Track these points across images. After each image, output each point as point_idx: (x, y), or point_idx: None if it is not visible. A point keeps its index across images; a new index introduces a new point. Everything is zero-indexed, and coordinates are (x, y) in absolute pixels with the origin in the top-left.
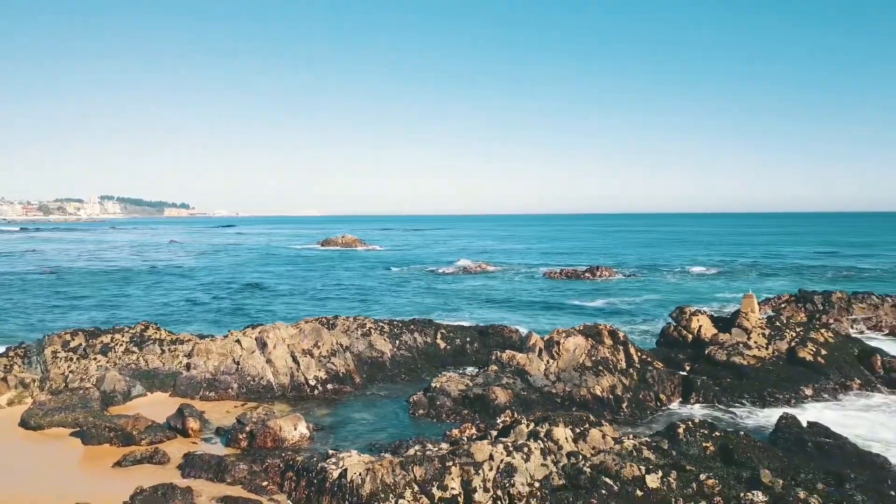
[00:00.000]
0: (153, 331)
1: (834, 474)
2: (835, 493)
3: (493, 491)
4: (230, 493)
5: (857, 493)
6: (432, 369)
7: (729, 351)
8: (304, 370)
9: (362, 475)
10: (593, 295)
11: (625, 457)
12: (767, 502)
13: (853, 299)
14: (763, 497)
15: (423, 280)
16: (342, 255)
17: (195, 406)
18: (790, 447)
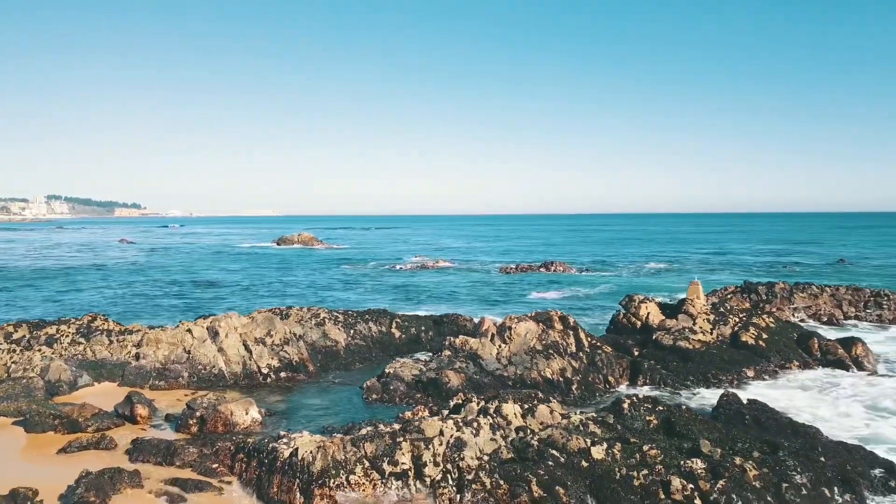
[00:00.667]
0: (101, 322)
1: (769, 443)
2: (769, 459)
3: (443, 465)
4: (180, 476)
5: (789, 458)
6: (387, 358)
7: (675, 336)
8: (257, 358)
9: (313, 453)
10: (547, 287)
11: (571, 431)
12: (706, 469)
13: (795, 289)
14: (702, 464)
15: (380, 276)
16: (299, 252)
17: (145, 395)
18: (730, 421)
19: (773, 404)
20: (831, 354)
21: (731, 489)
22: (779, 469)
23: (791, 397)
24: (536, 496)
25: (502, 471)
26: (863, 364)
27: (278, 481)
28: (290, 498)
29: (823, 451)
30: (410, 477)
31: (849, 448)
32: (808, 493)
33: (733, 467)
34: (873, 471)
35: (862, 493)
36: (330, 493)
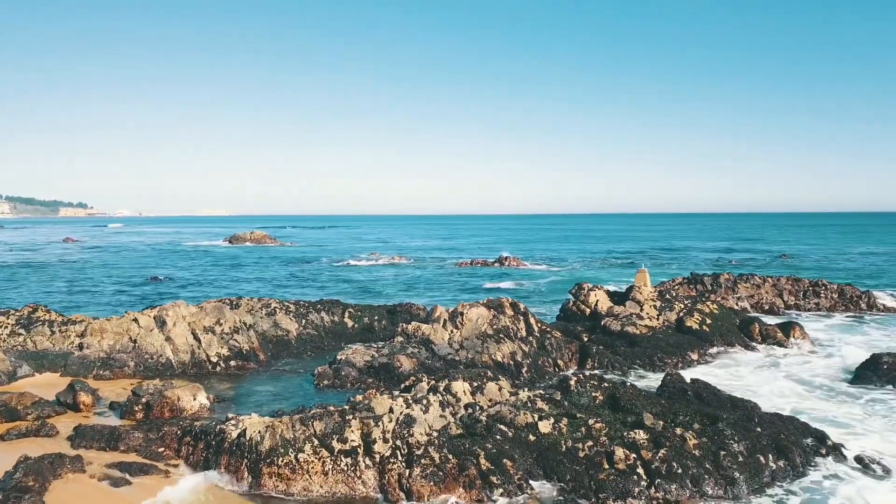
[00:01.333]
0: (42, 313)
1: (709, 415)
2: (708, 429)
3: (393, 441)
4: (124, 460)
5: (727, 429)
6: (340, 347)
7: (623, 322)
8: (206, 347)
9: (261, 433)
10: (501, 279)
11: (519, 407)
12: (648, 439)
13: (738, 280)
14: (644, 435)
15: (335, 271)
16: (251, 250)
17: (88, 384)
18: (672, 397)
19: (715, 383)
20: (771, 338)
21: (672, 457)
22: (717, 438)
23: (732, 376)
24: (484, 469)
25: (451, 446)
26: (800, 346)
27: (226, 462)
28: (239, 476)
29: (760, 422)
30: (360, 454)
31: (783, 419)
32: (745, 461)
33: (674, 437)
34: (805, 439)
35: (795, 459)
36: (279, 470)
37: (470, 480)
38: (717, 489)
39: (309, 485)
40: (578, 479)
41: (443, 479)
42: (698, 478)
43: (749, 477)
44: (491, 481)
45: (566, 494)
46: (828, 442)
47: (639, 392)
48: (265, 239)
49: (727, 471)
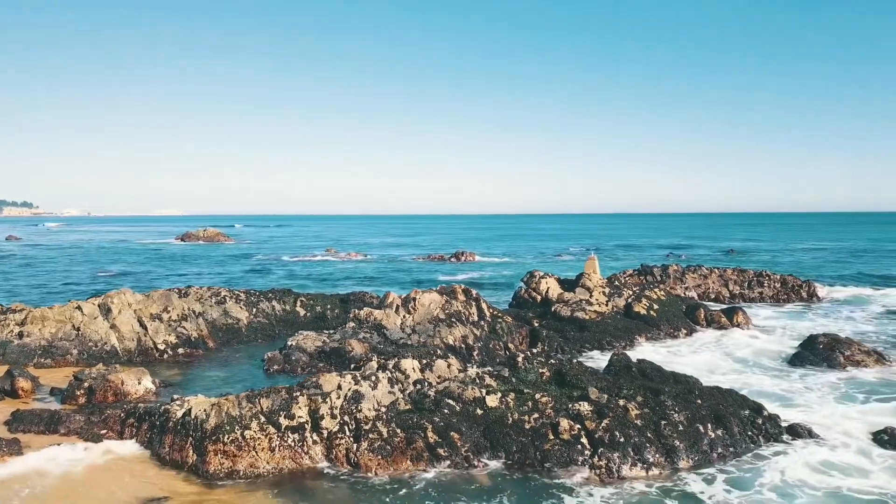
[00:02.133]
0: None
1: (652, 389)
2: (650, 401)
3: (340, 417)
4: (63, 442)
5: (669, 400)
6: (291, 334)
7: (573, 307)
8: (153, 334)
9: (207, 411)
10: (457, 271)
11: (468, 383)
12: (592, 411)
13: (686, 271)
14: (588, 407)
15: (291, 266)
16: (204, 247)
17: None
18: (618, 374)
19: (660, 362)
20: (716, 322)
21: (615, 427)
22: (658, 409)
23: (677, 356)
24: (432, 441)
25: (399, 420)
26: (742, 330)
27: (170, 441)
28: (183, 455)
29: (700, 395)
30: (307, 430)
31: (722, 392)
32: (685, 430)
33: (617, 408)
34: (743, 411)
35: (732, 428)
36: (224, 448)
37: (417, 453)
38: (657, 457)
39: (255, 461)
40: (524, 450)
41: (390, 453)
42: (640, 446)
43: (688, 445)
44: (438, 454)
45: (512, 465)
46: (764, 413)
47: (585, 368)
48: (218, 236)
49: (667, 439)
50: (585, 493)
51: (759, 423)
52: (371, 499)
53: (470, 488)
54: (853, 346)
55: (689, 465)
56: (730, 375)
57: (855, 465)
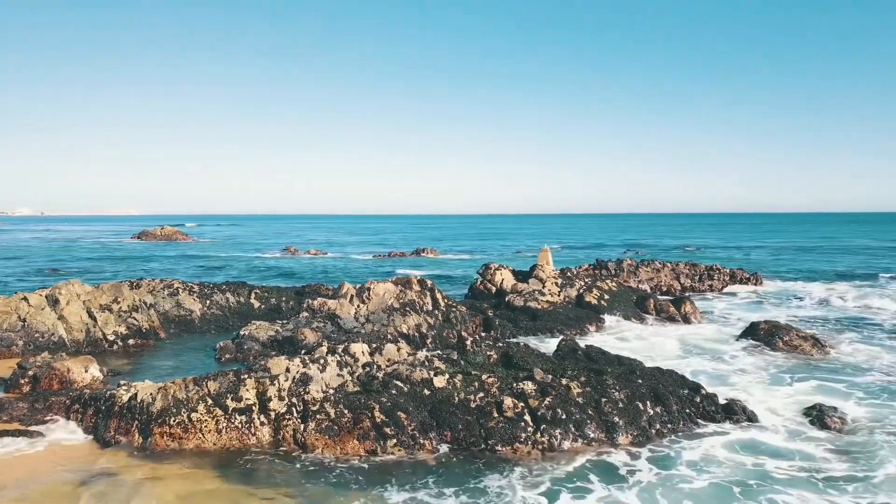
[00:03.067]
0: None
1: (595, 370)
2: (593, 380)
3: (288, 399)
4: (7, 428)
5: (610, 379)
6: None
7: (526, 297)
8: (102, 325)
9: (153, 394)
10: (416, 267)
11: (416, 365)
12: (536, 389)
13: (640, 265)
14: (532, 386)
15: (248, 262)
16: (161, 246)
17: None
18: (564, 357)
19: (608, 348)
20: (664, 312)
21: (557, 404)
22: (600, 388)
23: (625, 342)
24: (379, 421)
25: (347, 401)
26: (690, 319)
27: (115, 424)
28: (129, 438)
29: (641, 375)
30: (255, 411)
31: (663, 372)
32: (625, 407)
33: (560, 387)
34: (682, 390)
35: (671, 406)
36: (170, 430)
37: (364, 432)
38: (598, 432)
39: (202, 442)
40: (469, 428)
41: (337, 433)
42: (581, 422)
43: (628, 422)
44: (385, 433)
45: (458, 443)
46: (702, 392)
47: (532, 351)
48: (176, 234)
49: (608, 416)
50: (526, 468)
51: (697, 402)
52: (317, 477)
53: (415, 466)
54: (791, 331)
55: (628, 440)
56: (674, 360)
57: (783, 441)
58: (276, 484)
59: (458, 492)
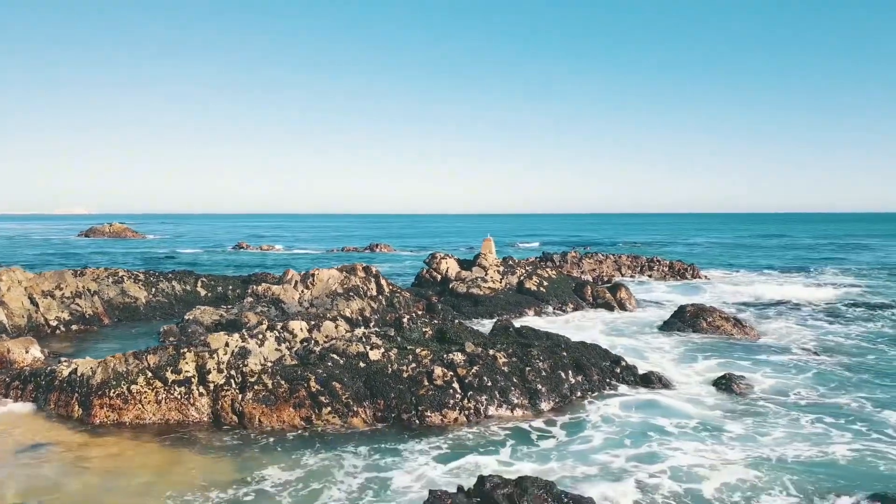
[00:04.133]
0: None
1: (523, 344)
2: (519, 352)
3: (227, 371)
4: None
5: (535, 350)
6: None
7: (468, 284)
8: (44, 311)
9: (93, 368)
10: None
11: (353, 341)
12: (465, 360)
13: (584, 257)
14: (462, 356)
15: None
16: (110, 242)
17: None
18: (496, 333)
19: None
20: (601, 298)
21: (484, 373)
22: (525, 358)
23: (559, 324)
24: (314, 390)
25: (284, 373)
26: (625, 304)
27: (56, 397)
28: (69, 411)
29: (566, 348)
30: (194, 383)
31: (587, 346)
32: (548, 375)
33: (487, 357)
34: (604, 362)
35: (592, 375)
36: (110, 402)
37: (300, 401)
38: (522, 399)
39: (141, 413)
40: (401, 396)
41: (274, 402)
42: (506, 389)
43: (550, 389)
44: (320, 401)
45: (390, 410)
46: (622, 363)
47: (465, 328)
48: (125, 232)
49: (531, 383)
50: (453, 434)
51: (618, 372)
52: (253, 445)
53: (349, 432)
54: (715, 313)
55: (550, 406)
56: (602, 339)
57: (688, 403)
58: (210, 451)
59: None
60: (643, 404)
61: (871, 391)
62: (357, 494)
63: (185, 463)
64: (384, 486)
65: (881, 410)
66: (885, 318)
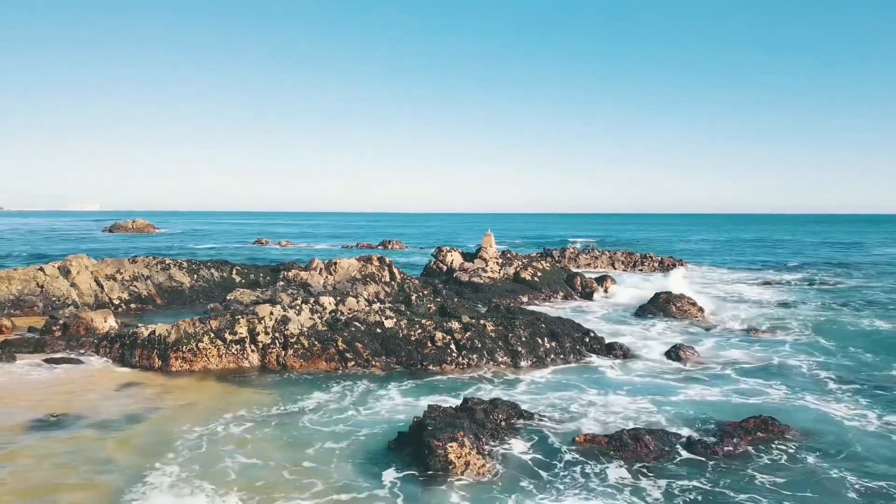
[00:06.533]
0: None
1: (508, 318)
2: (504, 322)
3: (272, 333)
4: (54, 357)
5: (517, 321)
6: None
7: (471, 274)
8: (108, 292)
9: (168, 330)
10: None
11: (371, 313)
12: (460, 327)
13: (581, 253)
14: (458, 325)
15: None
16: (134, 237)
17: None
18: (489, 310)
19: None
20: (588, 287)
21: (475, 337)
22: (509, 327)
23: (546, 308)
24: (341, 349)
25: (317, 335)
26: (610, 292)
27: (139, 353)
28: (150, 363)
29: (544, 321)
30: (247, 342)
31: (563, 321)
32: (527, 341)
33: (478, 325)
34: (576, 333)
35: (564, 343)
36: (183, 355)
37: (330, 356)
38: (505, 357)
39: (207, 364)
40: (409, 355)
41: (310, 357)
42: (493, 350)
43: (529, 351)
44: (346, 356)
45: (401, 365)
46: (591, 334)
47: (462, 304)
48: (148, 227)
49: (513, 346)
50: (451, 382)
51: (587, 342)
52: (293, 384)
53: (368, 379)
54: (683, 299)
55: (528, 365)
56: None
57: (641, 367)
58: (260, 387)
59: (396, 387)
60: (601, 367)
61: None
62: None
63: (240, 394)
64: (394, 402)
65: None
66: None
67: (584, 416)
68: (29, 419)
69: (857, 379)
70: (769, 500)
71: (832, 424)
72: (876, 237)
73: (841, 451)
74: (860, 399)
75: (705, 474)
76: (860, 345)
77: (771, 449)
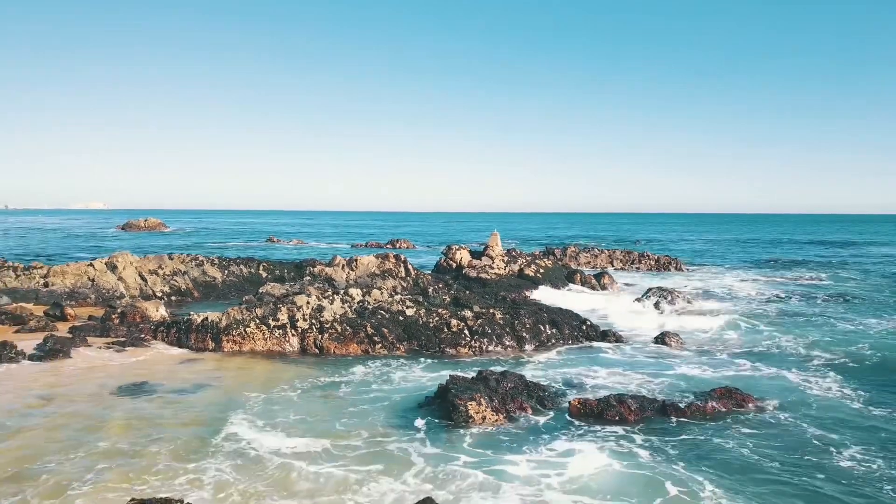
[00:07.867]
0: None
1: (513, 308)
2: (510, 311)
3: (309, 320)
4: (117, 341)
5: (522, 310)
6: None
7: (478, 270)
8: (152, 285)
9: (220, 317)
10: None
11: (395, 302)
12: (472, 316)
13: (582, 251)
14: (471, 314)
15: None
16: (147, 235)
17: None
18: (496, 301)
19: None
20: (588, 283)
21: (485, 324)
22: (515, 315)
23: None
24: (370, 333)
25: (349, 322)
26: (607, 287)
27: (195, 337)
28: (205, 345)
29: (546, 311)
30: (287, 328)
31: (562, 311)
32: (531, 327)
33: (488, 314)
34: (574, 322)
35: (563, 330)
36: (233, 339)
37: (360, 340)
38: (512, 342)
39: (254, 346)
40: (428, 339)
41: (343, 340)
42: (501, 335)
43: (532, 336)
44: (374, 340)
45: (421, 347)
46: (587, 322)
47: (473, 296)
48: (160, 226)
49: (518, 332)
50: (465, 362)
51: (584, 329)
52: (329, 364)
53: (394, 360)
54: (673, 293)
55: (532, 347)
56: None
57: (630, 350)
58: (301, 364)
59: (420, 365)
60: (596, 350)
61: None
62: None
63: (288, 370)
64: (418, 375)
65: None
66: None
67: (580, 387)
68: (121, 384)
69: (832, 363)
70: (730, 447)
71: (794, 393)
72: (870, 237)
73: (798, 411)
74: (829, 374)
75: (677, 430)
76: (842, 335)
77: (734, 413)
